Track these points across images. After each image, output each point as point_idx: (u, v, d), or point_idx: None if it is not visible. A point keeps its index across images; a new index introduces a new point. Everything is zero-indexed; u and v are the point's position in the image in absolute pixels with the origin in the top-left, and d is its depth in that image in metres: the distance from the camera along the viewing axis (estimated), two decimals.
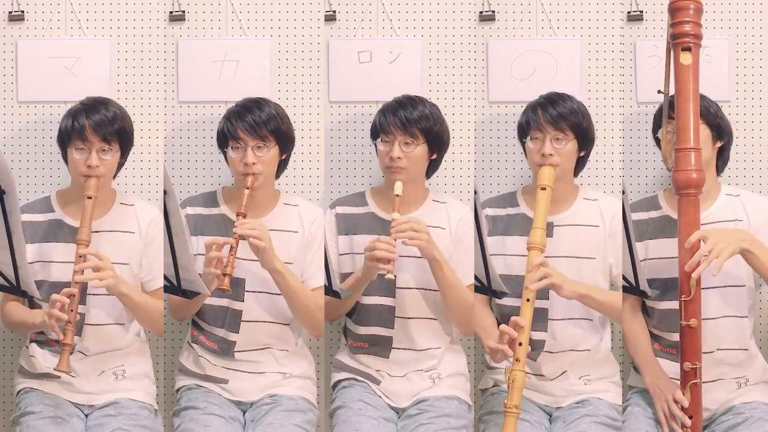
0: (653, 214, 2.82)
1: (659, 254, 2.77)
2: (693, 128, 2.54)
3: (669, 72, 2.63)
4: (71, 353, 2.68)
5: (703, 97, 2.63)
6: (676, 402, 2.59)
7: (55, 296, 2.52)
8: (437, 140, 2.77)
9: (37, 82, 2.98)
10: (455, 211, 2.82)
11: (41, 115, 2.97)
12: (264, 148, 2.71)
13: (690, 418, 2.58)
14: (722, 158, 2.80)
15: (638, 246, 2.77)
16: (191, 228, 2.79)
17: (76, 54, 2.98)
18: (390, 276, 2.62)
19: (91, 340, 2.73)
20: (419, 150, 2.74)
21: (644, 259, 2.79)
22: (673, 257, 2.61)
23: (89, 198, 2.63)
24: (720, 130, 2.75)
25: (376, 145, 2.79)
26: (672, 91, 2.63)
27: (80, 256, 2.58)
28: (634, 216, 2.80)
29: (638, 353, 2.78)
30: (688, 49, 2.55)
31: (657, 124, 2.80)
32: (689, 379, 2.57)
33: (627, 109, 3.03)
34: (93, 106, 2.70)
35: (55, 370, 2.57)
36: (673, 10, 2.57)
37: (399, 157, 2.71)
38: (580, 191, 2.83)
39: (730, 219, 2.74)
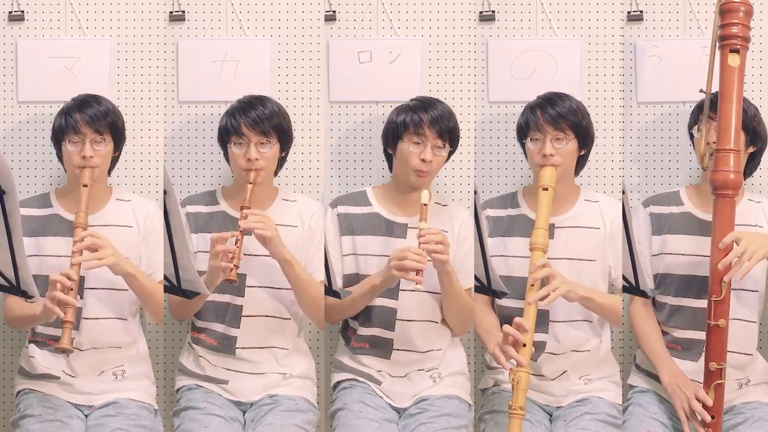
0: (674, 209, 2.81)
1: (677, 250, 2.77)
2: (734, 130, 2.52)
3: (712, 71, 2.62)
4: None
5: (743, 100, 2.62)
6: (698, 400, 2.58)
7: (54, 276, 2.52)
8: (457, 141, 2.78)
9: (37, 82, 2.98)
10: (457, 214, 2.83)
11: (41, 114, 2.97)
12: (267, 144, 2.72)
13: (712, 417, 2.56)
14: (752, 164, 2.79)
15: (655, 239, 2.78)
16: (191, 226, 2.80)
17: (76, 54, 2.98)
18: (419, 286, 2.59)
19: (88, 334, 2.73)
20: (446, 153, 2.75)
21: (660, 253, 2.79)
22: (692, 255, 2.60)
23: (85, 186, 2.66)
24: (755, 135, 2.74)
25: (399, 145, 2.75)
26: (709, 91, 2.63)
27: (78, 239, 2.60)
28: (655, 209, 2.81)
29: (653, 351, 2.76)
30: (737, 51, 2.54)
31: (694, 120, 2.78)
32: (714, 379, 2.55)
33: (627, 109, 3.03)
34: (85, 101, 2.73)
35: (56, 349, 2.57)
36: (724, 12, 2.55)
37: (431, 161, 2.71)
38: (582, 192, 2.83)
39: (751, 224, 2.74)
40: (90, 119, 2.69)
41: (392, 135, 2.77)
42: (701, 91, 2.66)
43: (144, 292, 2.71)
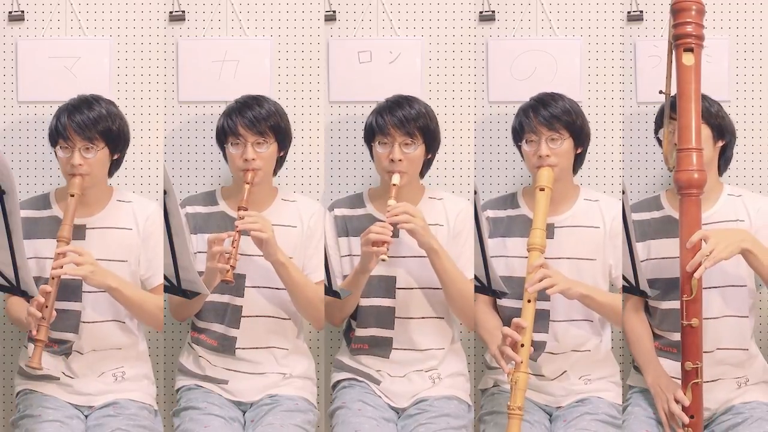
0: (655, 214, 2.82)
1: (661, 254, 2.77)
2: (695, 128, 2.54)
3: (670, 72, 2.64)
4: (68, 354, 2.72)
5: (704, 97, 2.63)
6: (677, 401, 2.59)
7: (36, 297, 2.50)
8: (434, 138, 2.77)
9: (37, 82, 2.98)
10: (452, 207, 2.82)
11: (41, 115, 2.97)
12: (264, 144, 2.72)
13: (691, 417, 2.57)
14: (724, 158, 2.80)
15: (640, 246, 2.77)
16: (191, 226, 2.80)
17: (76, 54, 2.98)
18: (384, 257, 2.60)
19: (88, 338, 2.72)
20: (419, 151, 2.73)
21: (646, 259, 2.79)
22: (675, 257, 2.61)
23: (72, 196, 2.63)
24: (721, 129, 2.75)
25: (371, 148, 2.78)
26: (673, 92, 2.63)
27: (60, 254, 2.57)
28: (636, 216, 2.80)
29: (640, 353, 2.78)
30: (691, 50, 2.56)
31: (658, 125, 2.80)
32: (690, 379, 2.56)
33: (627, 109, 3.03)
34: (77, 106, 2.69)
35: (26, 366, 2.56)
36: (676, 11, 2.57)
37: (400, 160, 2.71)
38: (581, 192, 2.83)
39: (731, 219, 2.74)
40: (79, 126, 2.65)
41: (366, 139, 2.80)
42: (661, 92, 2.67)
43: (131, 306, 2.70)
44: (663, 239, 2.78)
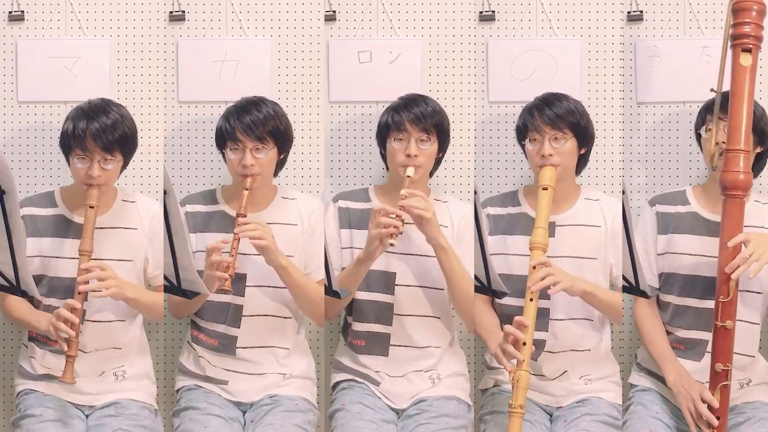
0: (680, 208, 2.81)
1: (683, 250, 2.77)
2: (745, 130, 2.51)
3: (723, 71, 2.61)
4: None
5: None
6: (703, 401, 2.58)
7: (62, 312, 2.53)
8: (446, 137, 2.78)
9: (37, 82, 2.98)
10: (457, 210, 2.82)
11: (41, 115, 2.97)
12: (263, 150, 2.71)
13: (717, 418, 2.56)
14: (759, 164, 2.78)
15: (661, 238, 2.78)
16: (190, 225, 2.79)
17: (76, 54, 2.98)
18: (393, 242, 2.60)
19: (91, 336, 2.72)
20: (434, 147, 2.74)
21: (665, 253, 2.78)
22: (697, 255, 2.60)
23: (91, 207, 2.63)
24: (763, 135, 2.73)
25: (385, 145, 2.78)
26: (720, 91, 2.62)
27: (84, 269, 2.59)
28: (661, 208, 2.81)
29: (658, 352, 2.76)
30: (749, 51, 2.53)
31: (702, 120, 2.77)
32: (720, 381, 2.55)
33: (627, 109, 3.03)
34: (93, 112, 2.66)
35: (59, 380, 2.59)
36: (736, 11, 2.55)
37: (416, 155, 2.71)
38: (582, 191, 2.83)
39: (756, 225, 2.73)
40: (98, 135, 2.61)
41: (380, 136, 2.80)
42: (712, 90, 2.65)
43: (144, 309, 2.74)
44: (686, 235, 2.77)
